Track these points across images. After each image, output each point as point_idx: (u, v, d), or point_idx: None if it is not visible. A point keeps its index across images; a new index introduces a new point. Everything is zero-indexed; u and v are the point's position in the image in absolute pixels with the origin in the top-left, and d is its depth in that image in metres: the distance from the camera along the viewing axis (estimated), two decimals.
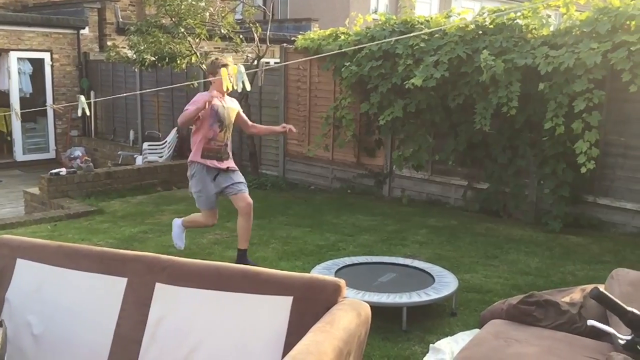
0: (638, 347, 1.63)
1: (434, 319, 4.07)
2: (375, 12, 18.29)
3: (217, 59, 5.07)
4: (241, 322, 2.25)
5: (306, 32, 9.47)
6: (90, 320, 2.48)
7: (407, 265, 4.57)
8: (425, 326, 3.95)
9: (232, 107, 5.08)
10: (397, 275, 4.36)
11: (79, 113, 4.21)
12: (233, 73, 3.47)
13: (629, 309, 1.67)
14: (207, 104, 4.71)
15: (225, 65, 4.34)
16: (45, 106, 11.58)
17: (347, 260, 4.66)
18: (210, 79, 4.90)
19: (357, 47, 7.26)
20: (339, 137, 8.20)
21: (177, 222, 5.40)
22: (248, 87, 3.56)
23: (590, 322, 1.71)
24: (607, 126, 6.12)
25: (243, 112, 5.32)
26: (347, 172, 8.49)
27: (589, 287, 3.10)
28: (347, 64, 7.51)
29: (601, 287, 2.95)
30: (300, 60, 8.29)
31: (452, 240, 5.99)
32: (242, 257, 5.09)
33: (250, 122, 5.46)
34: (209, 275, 2.37)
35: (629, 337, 1.67)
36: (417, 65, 6.75)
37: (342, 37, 8.06)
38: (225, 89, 3.76)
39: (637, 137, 6.04)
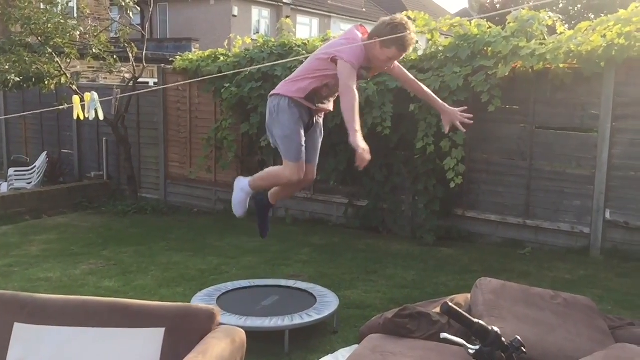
0: (485, 355, 1.77)
1: (316, 338, 4.12)
2: (257, 33, 18.44)
3: (396, 20, 3.42)
4: (111, 358, 2.15)
5: (186, 52, 9.32)
6: None
7: (289, 287, 4.60)
8: (307, 346, 3.99)
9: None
10: (279, 298, 4.38)
11: None
12: (87, 100, 3.32)
13: (476, 320, 1.81)
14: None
15: (407, 29, 3.28)
16: None
17: (230, 286, 4.61)
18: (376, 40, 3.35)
19: (236, 70, 7.25)
20: (222, 158, 8.13)
21: (241, 184, 4.10)
22: (101, 116, 3.41)
23: (443, 335, 1.83)
24: (472, 144, 6.59)
25: (121, 137, 4.73)
26: (230, 194, 8.29)
27: (457, 297, 3.31)
28: (227, 85, 7.49)
29: (467, 297, 3.17)
30: (180, 83, 8.14)
31: (334, 257, 6.12)
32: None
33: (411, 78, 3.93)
34: (73, 312, 2.25)
35: (477, 347, 1.80)
36: None
37: (222, 58, 8.03)
38: (75, 117, 3.45)
39: (497, 154, 6.57)
